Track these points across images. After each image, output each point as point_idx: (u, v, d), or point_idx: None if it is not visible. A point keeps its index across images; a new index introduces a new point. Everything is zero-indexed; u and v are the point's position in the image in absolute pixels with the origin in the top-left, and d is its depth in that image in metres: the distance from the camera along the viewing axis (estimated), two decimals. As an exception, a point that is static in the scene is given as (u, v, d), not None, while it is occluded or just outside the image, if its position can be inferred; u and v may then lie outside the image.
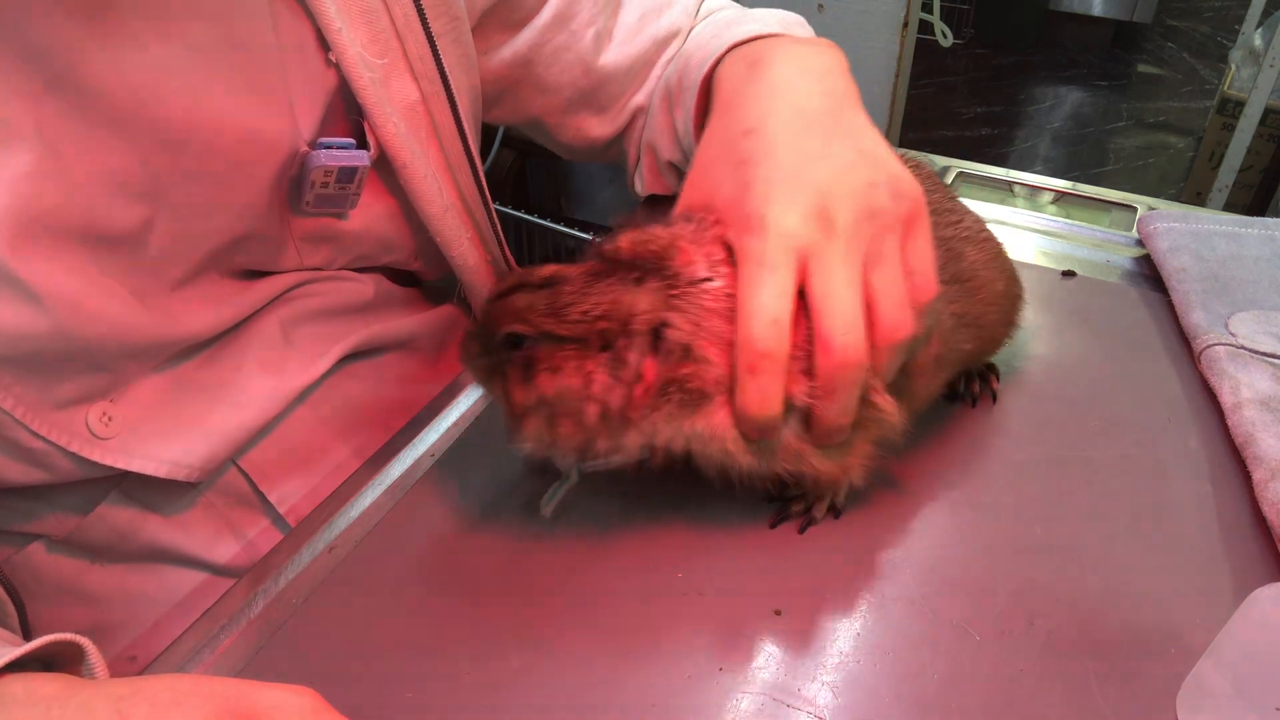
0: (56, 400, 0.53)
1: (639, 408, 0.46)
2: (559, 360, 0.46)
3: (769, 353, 0.44)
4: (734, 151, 0.50)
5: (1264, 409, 0.57)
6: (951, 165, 0.92)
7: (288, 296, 0.65)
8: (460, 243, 0.69)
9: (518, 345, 0.47)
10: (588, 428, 0.47)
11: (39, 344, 0.50)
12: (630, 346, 0.46)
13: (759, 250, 0.45)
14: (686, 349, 0.46)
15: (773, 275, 0.45)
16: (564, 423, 0.47)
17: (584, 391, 0.46)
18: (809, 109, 0.51)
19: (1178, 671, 0.44)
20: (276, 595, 0.52)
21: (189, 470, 0.58)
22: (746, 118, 0.51)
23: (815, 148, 0.48)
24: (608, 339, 0.46)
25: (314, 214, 0.62)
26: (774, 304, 0.44)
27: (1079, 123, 3.53)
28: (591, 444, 0.48)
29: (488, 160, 2.03)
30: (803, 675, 0.46)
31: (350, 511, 0.57)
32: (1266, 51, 2.17)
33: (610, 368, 0.46)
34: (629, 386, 0.46)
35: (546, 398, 0.47)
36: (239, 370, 0.62)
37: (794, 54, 0.54)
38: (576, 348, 0.46)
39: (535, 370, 0.47)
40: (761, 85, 0.53)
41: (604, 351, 0.46)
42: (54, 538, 0.60)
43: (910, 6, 1.68)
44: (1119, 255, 0.79)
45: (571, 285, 0.47)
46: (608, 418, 0.46)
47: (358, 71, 0.58)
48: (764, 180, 0.47)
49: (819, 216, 0.46)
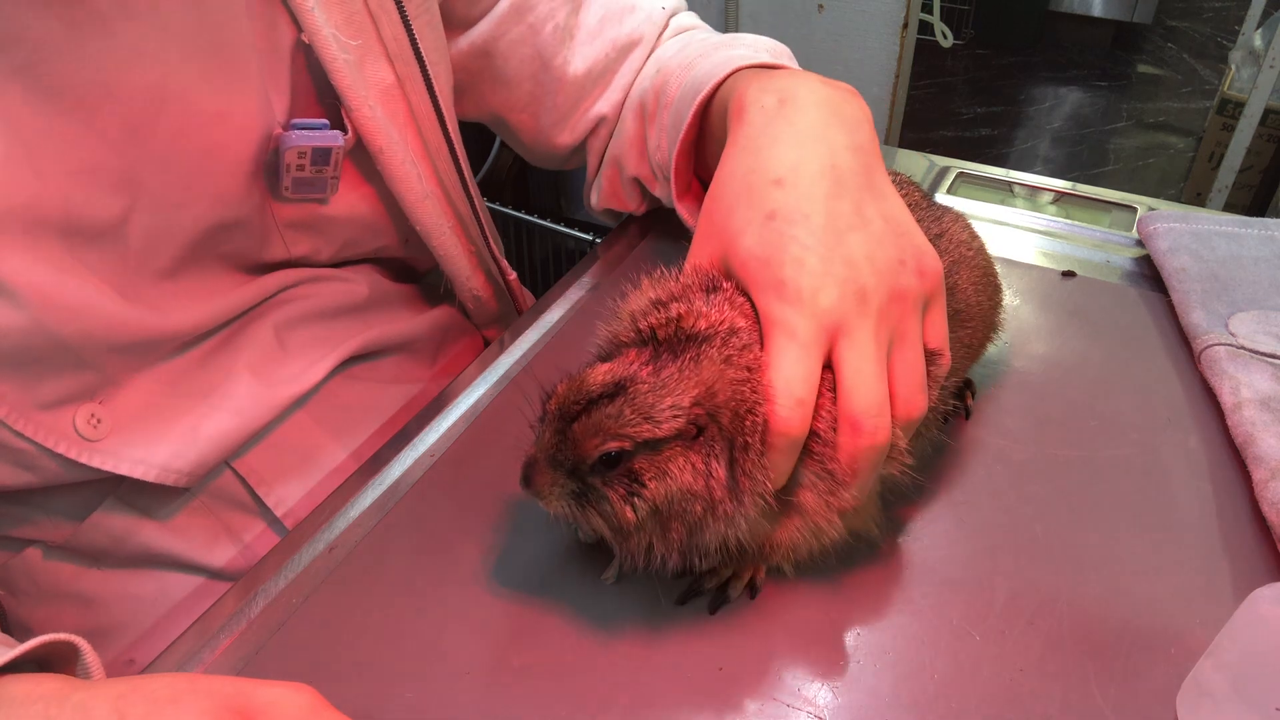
0: (42, 400, 0.52)
1: (740, 493, 0.44)
2: (667, 464, 0.43)
3: (789, 433, 0.43)
4: (762, 200, 0.48)
5: (1264, 409, 0.57)
6: (951, 165, 0.92)
7: (280, 298, 0.65)
8: (441, 231, 0.69)
9: (613, 464, 0.44)
10: (693, 527, 0.44)
11: (17, 340, 0.49)
12: (720, 429, 0.43)
13: (793, 324, 0.44)
14: (760, 425, 0.44)
15: (804, 354, 0.44)
16: (674, 527, 0.44)
17: (699, 487, 0.43)
18: (841, 167, 0.49)
19: (1178, 671, 0.44)
20: (276, 596, 0.52)
21: (178, 475, 0.58)
22: (776, 164, 0.49)
23: (848, 213, 0.47)
24: (702, 427, 0.43)
25: (294, 199, 0.62)
26: (802, 385, 0.43)
27: (1079, 123, 3.53)
28: (695, 541, 0.45)
29: (488, 161, 2.03)
30: (803, 675, 0.46)
31: (349, 512, 0.57)
32: (1266, 52, 2.17)
33: (715, 456, 0.43)
34: (736, 473, 0.44)
35: (663, 506, 0.44)
36: (230, 375, 0.62)
37: (824, 98, 0.52)
38: (679, 445, 0.43)
39: (643, 482, 0.43)
40: (791, 129, 0.50)
41: (698, 440, 0.44)
42: (50, 543, 0.60)
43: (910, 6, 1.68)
44: (1119, 255, 0.79)
45: (642, 385, 0.44)
46: (713, 509, 0.44)
47: (331, 53, 0.57)
48: (799, 245, 0.46)
49: (855, 294, 0.45)
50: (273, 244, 0.63)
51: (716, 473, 0.43)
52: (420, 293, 0.80)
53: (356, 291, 0.70)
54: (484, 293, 0.77)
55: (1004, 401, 0.63)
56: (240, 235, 0.61)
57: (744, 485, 0.44)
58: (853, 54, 1.80)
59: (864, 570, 0.51)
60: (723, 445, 0.43)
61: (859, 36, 1.73)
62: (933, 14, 2.27)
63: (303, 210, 0.63)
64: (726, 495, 0.44)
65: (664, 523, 0.44)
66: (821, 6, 1.73)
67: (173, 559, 0.62)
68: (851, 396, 0.44)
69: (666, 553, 0.45)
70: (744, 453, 0.44)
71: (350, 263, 0.72)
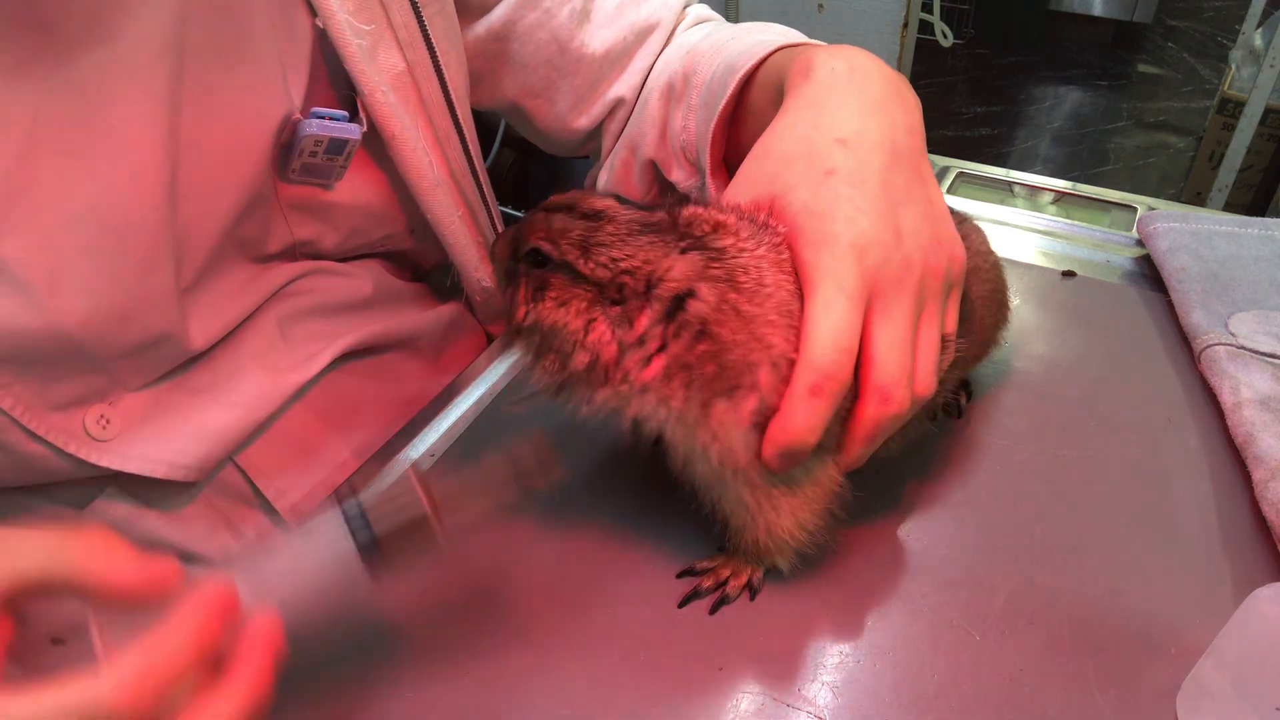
0: (55, 401, 0.53)
1: (624, 372, 0.44)
2: (568, 295, 0.45)
3: (836, 377, 0.43)
4: (822, 156, 0.48)
5: (1264, 409, 0.57)
6: (951, 165, 0.92)
7: (285, 292, 0.65)
8: (451, 220, 0.69)
9: (540, 264, 0.46)
10: (569, 372, 0.45)
11: (34, 342, 0.49)
12: (644, 309, 0.44)
13: (840, 274, 0.44)
14: (704, 325, 0.43)
15: (849, 303, 0.44)
16: (550, 357, 0.46)
17: (578, 336, 0.45)
18: (899, 142, 0.50)
19: (1178, 671, 0.44)
20: (276, 595, 0.52)
21: (185, 470, 0.58)
22: (841, 123, 0.49)
23: (901, 188, 0.48)
24: (624, 294, 0.44)
25: (298, 181, 0.62)
26: (848, 333, 0.43)
27: (1079, 123, 3.53)
28: (568, 389, 0.46)
29: (488, 160, 2.03)
30: (803, 675, 0.46)
31: (350, 511, 0.57)
32: (1266, 51, 2.17)
33: (615, 323, 0.44)
34: (625, 349, 0.44)
35: (543, 326, 0.45)
36: (236, 370, 0.62)
37: (888, 75, 0.53)
38: (591, 291, 0.45)
39: (544, 295, 0.45)
40: (859, 96, 0.51)
41: (615, 305, 0.44)
42: (51, 531, 0.60)
43: (910, 6, 1.68)
44: (1119, 255, 0.79)
45: (614, 227, 0.45)
46: (592, 371, 0.45)
47: (345, 38, 0.58)
48: (853, 206, 0.46)
49: (900, 263, 0.45)
50: (277, 226, 0.64)
51: (605, 342, 0.44)
52: (426, 290, 0.80)
53: (361, 287, 0.70)
54: (492, 283, 0.77)
55: (1004, 401, 0.63)
56: (255, 216, 0.61)
57: (617, 377, 0.44)
58: (853, 53, 1.80)
59: (864, 570, 0.51)
60: (637, 330, 0.44)
61: (859, 36, 1.73)
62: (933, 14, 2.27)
63: (306, 193, 0.63)
64: (617, 369, 0.44)
65: (541, 346, 0.46)
66: (821, 6, 1.73)
67: (173, 550, 0.62)
68: (882, 365, 0.44)
69: (540, 376, 0.47)
70: (667, 360, 0.44)
71: (356, 256, 0.72)
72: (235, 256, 0.61)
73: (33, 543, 0.35)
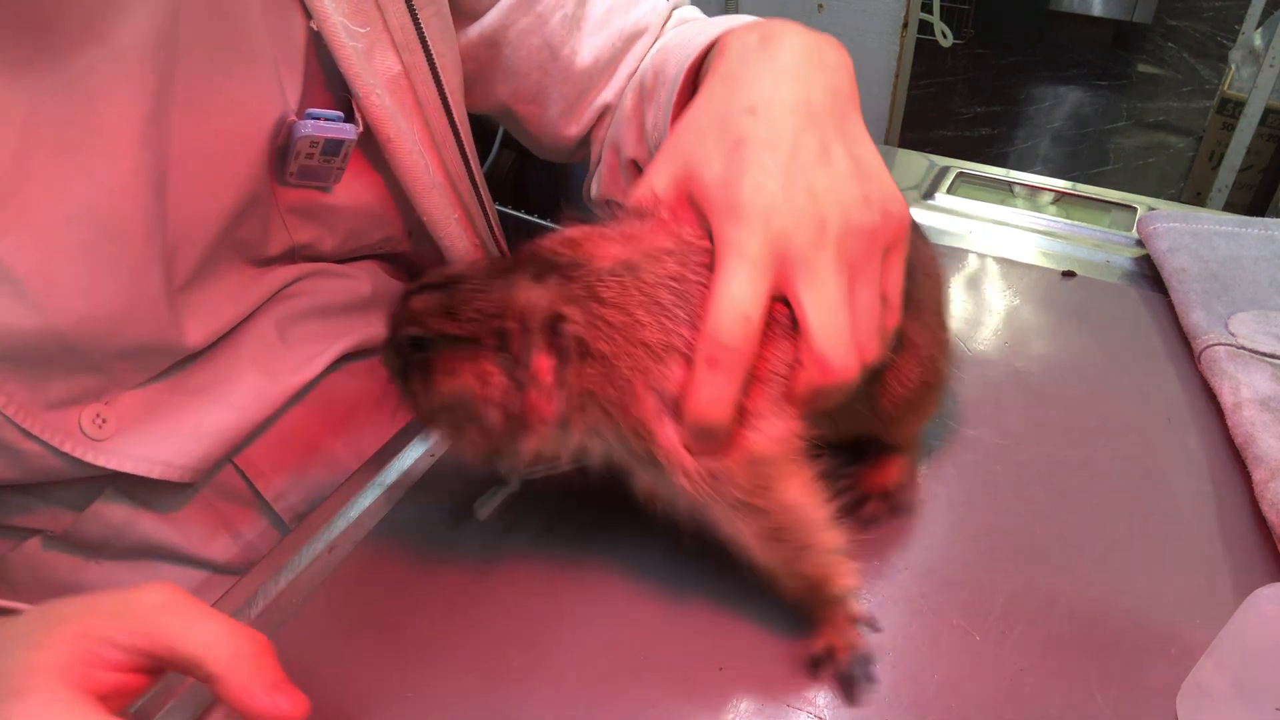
0: (50, 400, 0.53)
1: (537, 411, 0.43)
2: (454, 362, 0.44)
3: (733, 347, 0.41)
4: (732, 127, 0.48)
5: (1264, 409, 0.57)
6: (951, 165, 0.92)
7: (284, 294, 0.65)
8: (448, 223, 0.69)
9: (421, 348, 0.45)
10: (492, 433, 0.44)
11: (28, 341, 0.49)
12: (526, 344, 0.43)
13: (743, 242, 0.43)
14: (583, 345, 0.42)
15: (753, 271, 0.43)
16: (469, 428, 0.45)
17: (481, 394, 0.44)
18: (815, 104, 0.49)
19: (1178, 671, 0.44)
20: (276, 596, 0.52)
21: (182, 471, 0.58)
22: (751, 94, 0.49)
23: (815, 148, 0.47)
24: (504, 338, 0.43)
25: (296, 185, 0.62)
26: (748, 300, 0.42)
27: (1079, 123, 3.53)
28: (499, 451, 0.45)
29: (488, 160, 2.03)
30: (803, 675, 0.46)
31: (350, 511, 0.57)
32: (1266, 51, 2.17)
33: (507, 368, 0.43)
34: (526, 390, 0.43)
35: (447, 400, 0.45)
36: (233, 371, 0.62)
37: (806, 41, 0.52)
38: (471, 348, 0.44)
39: (433, 373, 0.45)
40: (770, 64, 0.51)
41: (500, 352, 0.44)
42: (50, 533, 0.60)
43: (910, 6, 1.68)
44: (1119, 255, 0.79)
45: (469, 284, 0.45)
46: (510, 422, 0.44)
47: (340, 41, 0.57)
48: (761, 169, 0.45)
49: (813, 223, 0.44)
50: (276, 230, 0.63)
51: (507, 389, 0.43)
52: None
53: (359, 288, 0.70)
54: None
55: (1004, 401, 0.63)
56: (252, 219, 0.61)
57: (533, 418, 0.43)
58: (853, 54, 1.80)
59: (864, 570, 0.51)
60: (530, 367, 0.43)
61: (859, 36, 1.73)
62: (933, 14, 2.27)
63: (304, 196, 0.63)
64: (531, 412, 0.43)
65: (456, 421, 0.45)
66: (821, 6, 1.73)
67: (171, 551, 0.62)
68: (816, 332, 0.43)
69: (470, 451, 0.46)
70: (572, 388, 0.43)
71: (354, 258, 0.72)
72: (232, 258, 0.61)
73: (202, 625, 0.37)
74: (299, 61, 0.59)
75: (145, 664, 0.37)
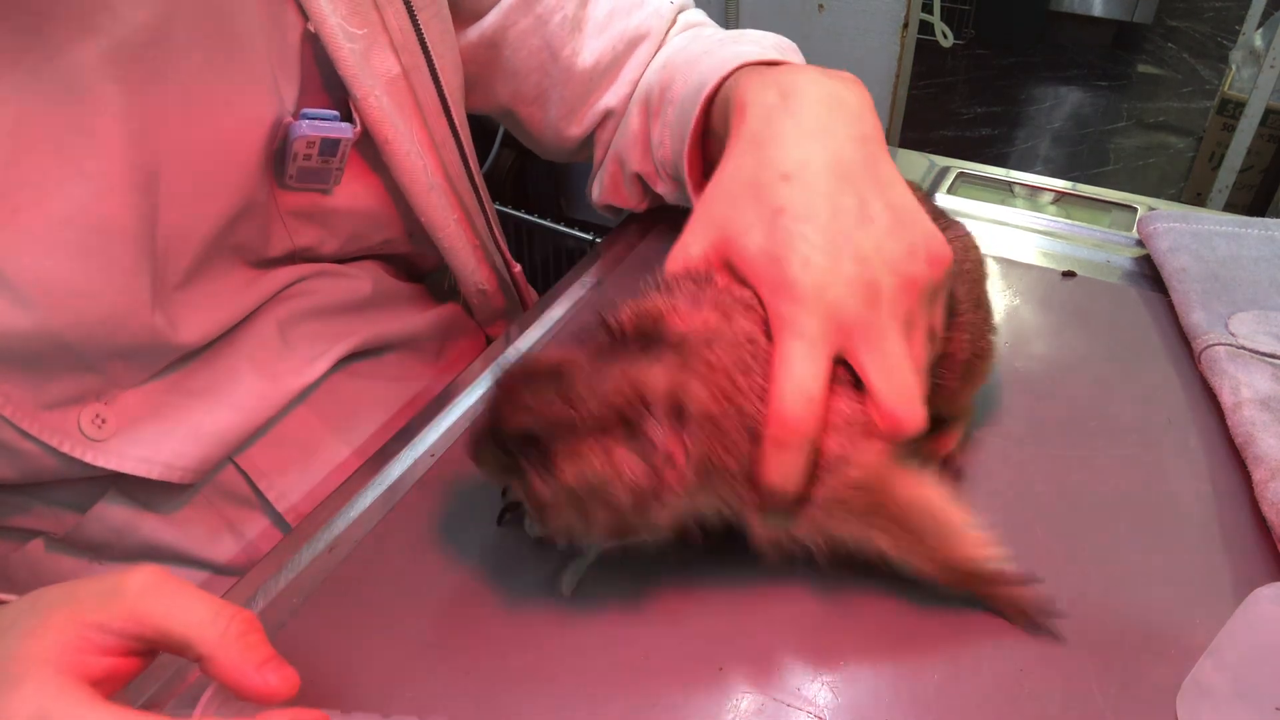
0: (48, 400, 0.53)
1: (672, 489, 0.44)
2: (578, 448, 0.43)
3: (799, 429, 0.43)
4: (767, 196, 0.47)
5: (1264, 409, 0.57)
6: (951, 165, 0.92)
7: (284, 295, 0.65)
8: (447, 224, 0.69)
9: (534, 442, 0.44)
10: (622, 513, 0.44)
11: (24, 342, 0.49)
12: (653, 422, 0.43)
13: (800, 321, 0.44)
14: (710, 418, 0.43)
15: (812, 349, 0.43)
16: (597, 511, 0.44)
17: (610, 475, 0.43)
18: (846, 159, 0.49)
19: (1178, 671, 0.44)
20: (276, 595, 0.52)
21: (182, 472, 0.58)
22: (783, 160, 0.49)
23: (854, 208, 0.47)
24: (628, 417, 0.43)
25: (297, 188, 0.62)
26: (810, 381, 0.43)
27: (1079, 123, 3.53)
28: (627, 527, 0.45)
29: (488, 160, 2.03)
30: (803, 675, 0.46)
31: (350, 511, 0.57)
32: (1266, 52, 2.17)
33: (635, 445, 0.43)
34: (659, 467, 0.43)
35: (573, 489, 0.44)
36: (234, 372, 0.62)
37: (826, 90, 0.52)
38: (594, 432, 0.43)
39: (554, 463, 0.43)
40: (796, 123, 0.50)
41: (629, 435, 0.43)
42: (53, 535, 0.61)
43: (910, 6, 1.68)
44: (1119, 255, 0.79)
45: (579, 370, 0.44)
46: (640, 500, 0.44)
47: (337, 42, 0.57)
48: (806, 243, 0.45)
49: (864, 289, 0.45)
50: (277, 234, 0.63)
51: (637, 467, 0.43)
52: (424, 291, 0.80)
53: (360, 288, 0.70)
54: (489, 286, 0.77)
55: (1004, 401, 0.63)
56: (250, 223, 0.61)
57: (668, 495, 0.44)
58: (853, 54, 1.80)
59: (863, 570, 0.51)
60: (660, 446, 0.43)
61: (859, 36, 1.73)
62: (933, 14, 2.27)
63: (305, 199, 0.63)
64: (650, 493, 0.43)
65: (583, 509, 0.44)
66: (821, 6, 1.73)
67: (174, 553, 0.63)
68: (883, 394, 0.44)
69: (598, 536, 0.46)
70: (696, 460, 0.44)
71: (355, 258, 0.72)
72: (230, 259, 0.61)
73: (190, 605, 0.37)
74: (295, 63, 0.59)
75: (136, 647, 0.37)
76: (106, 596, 0.37)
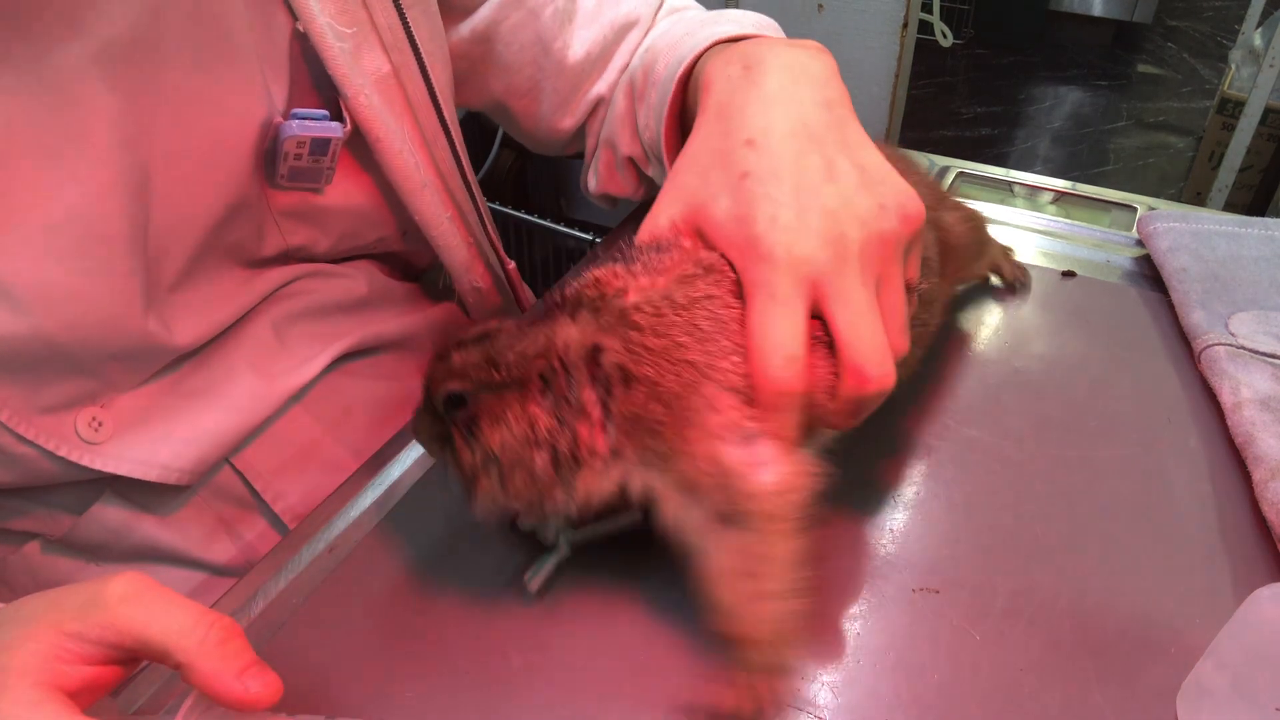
0: (44, 404, 0.52)
1: (589, 445, 0.44)
2: (499, 410, 0.44)
3: (787, 389, 0.43)
4: (734, 162, 0.48)
5: (1264, 409, 0.57)
6: (951, 165, 0.92)
7: (278, 295, 0.65)
8: (440, 222, 0.68)
9: (462, 405, 0.45)
10: (539, 478, 0.44)
11: (18, 346, 0.49)
12: (569, 380, 0.43)
13: (771, 281, 0.44)
14: (624, 371, 0.43)
15: (787, 308, 0.43)
16: (515, 475, 0.44)
17: (530, 436, 0.44)
18: (811, 121, 0.49)
19: (1178, 671, 0.44)
20: (276, 596, 0.52)
21: (180, 474, 0.58)
22: (746, 126, 0.49)
23: (820, 167, 0.47)
24: (547, 378, 0.44)
25: (288, 188, 0.62)
26: (790, 340, 0.43)
27: (1079, 123, 3.53)
28: (548, 497, 0.45)
29: (488, 161, 2.03)
30: (803, 675, 0.46)
31: (350, 511, 0.57)
32: (1266, 51, 2.17)
33: (553, 407, 0.44)
34: (576, 425, 0.43)
35: (493, 451, 0.44)
36: (230, 373, 0.62)
37: (789, 59, 0.52)
38: (515, 392, 0.44)
39: (478, 425, 0.44)
40: (759, 91, 0.51)
41: (545, 392, 0.44)
42: (50, 537, 0.60)
43: (910, 6, 1.68)
44: (1119, 255, 0.79)
45: (505, 335, 0.45)
46: (559, 464, 0.44)
47: (326, 41, 0.57)
48: (772, 202, 0.46)
49: (833, 243, 0.45)
50: (269, 233, 0.63)
51: (555, 429, 0.43)
52: (420, 290, 0.80)
53: (355, 288, 0.70)
54: (484, 283, 0.77)
55: (1004, 401, 0.63)
56: (242, 223, 0.60)
57: (585, 454, 0.44)
58: (853, 54, 1.80)
59: (864, 570, 0.51)
60: (576, 402, 0.43)
61: (859, 36, 1.73)
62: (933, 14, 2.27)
63: (297, 199, 0.63)
64: (567, 455, 0.44)
65: (502, 472, 0.44)
66: (821, 6, 1.73)
67: (171, 554, 0.62)
68: (851, 347, 0.44)
69: (517, 502, 0.45)
70: (618, 419, 0.43)
71: (350, 258, 0.72)
72: (224, 260, 0.61)
73: (169, 613, 0.37)
74: (284, 63, 0.58)
75: (116, 656, 0.37)
76: (86, 606, 0.36)
